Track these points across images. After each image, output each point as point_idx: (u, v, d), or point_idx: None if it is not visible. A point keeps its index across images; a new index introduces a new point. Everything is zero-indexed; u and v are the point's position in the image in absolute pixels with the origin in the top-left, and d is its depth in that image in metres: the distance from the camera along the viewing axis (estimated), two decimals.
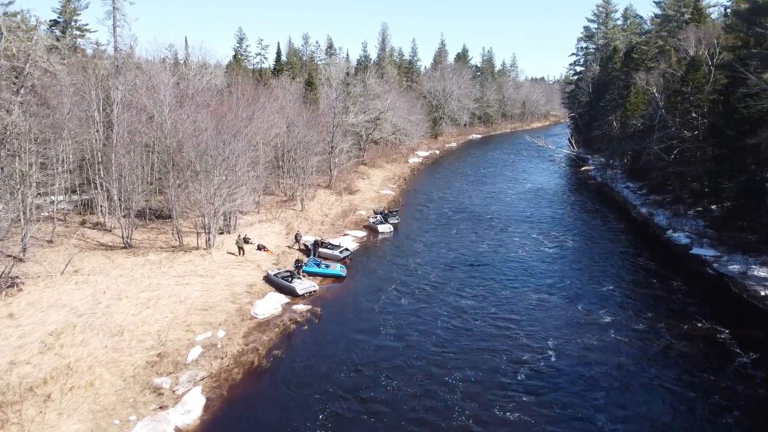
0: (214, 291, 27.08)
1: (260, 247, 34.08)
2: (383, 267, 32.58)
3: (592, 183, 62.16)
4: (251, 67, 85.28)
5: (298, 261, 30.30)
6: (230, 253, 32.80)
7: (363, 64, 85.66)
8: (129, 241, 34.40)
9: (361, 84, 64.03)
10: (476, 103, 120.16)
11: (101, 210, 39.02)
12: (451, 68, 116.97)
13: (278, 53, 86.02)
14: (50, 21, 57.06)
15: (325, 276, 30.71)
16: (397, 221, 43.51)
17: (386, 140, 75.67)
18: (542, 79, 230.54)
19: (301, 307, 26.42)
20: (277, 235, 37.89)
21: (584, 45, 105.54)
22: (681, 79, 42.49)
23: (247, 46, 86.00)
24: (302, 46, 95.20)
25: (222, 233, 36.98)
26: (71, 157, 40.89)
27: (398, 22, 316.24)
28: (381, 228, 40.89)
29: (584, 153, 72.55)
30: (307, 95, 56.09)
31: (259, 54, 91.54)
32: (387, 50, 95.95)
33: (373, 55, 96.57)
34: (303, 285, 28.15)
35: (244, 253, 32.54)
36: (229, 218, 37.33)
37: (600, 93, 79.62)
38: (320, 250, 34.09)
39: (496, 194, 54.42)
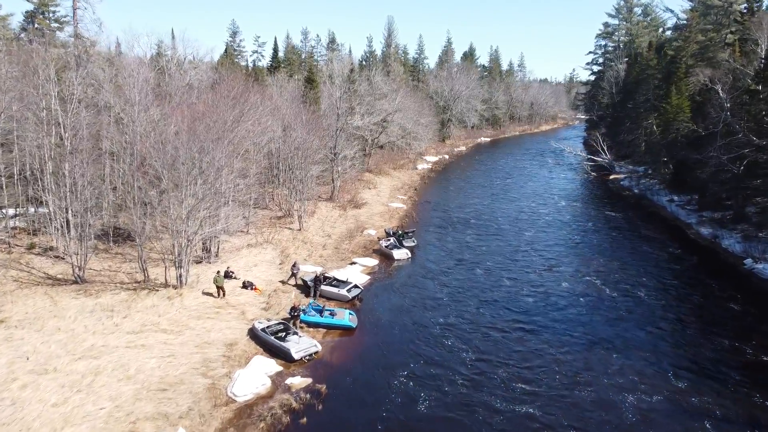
0: (179, 356, 19.87)
1: (246, 285, 26.89)
2: (401, 321, 24.59)
3: (627, 195, 55.05)
4: (245, 63, 77.99)
5: (294, 309, 23.11)
6: (207, 293, 25.58)
7: (368, 61, 78.29)
8: (82, 274, 27.25)
9: (366, 82, 56.81)
10: (484, 105, 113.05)
11: (56, 231, 31.89)
12: (458, 67, 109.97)
13: (275, 48, 78.87)
14: (25, 12, 50.14)
15: (329, 328, 23.52)
16: (413, 244, 36.40)
17: (393, 144, 68.57)
18: (545, 80, 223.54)
19: (297, 380, 19.24)
20: (269, 266, 30.70)
21: (603, 43, 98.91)
22: (755, 77, 35.45)
23: (240, 41, 78.77)
24: (301, 41, 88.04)
25: (200, 262, 29.85)
26: (27, 166, 34.03)
27: (403, 20, 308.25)
28: (396, 254, 33.75)
29: (610, 159, 65.42)
30: (307, 94, 48.92)
31: (256, 52, 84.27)
32: (393, 46, 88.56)
33: (378, 52, 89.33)
34: (300, 345, 20.96)
35: (224, 295, 25.32)
36: (210, 244, 30.17)
37: (627, 93, 72.83)
38: (323, 287, 26.94)
39: (526, 214, 46.20)
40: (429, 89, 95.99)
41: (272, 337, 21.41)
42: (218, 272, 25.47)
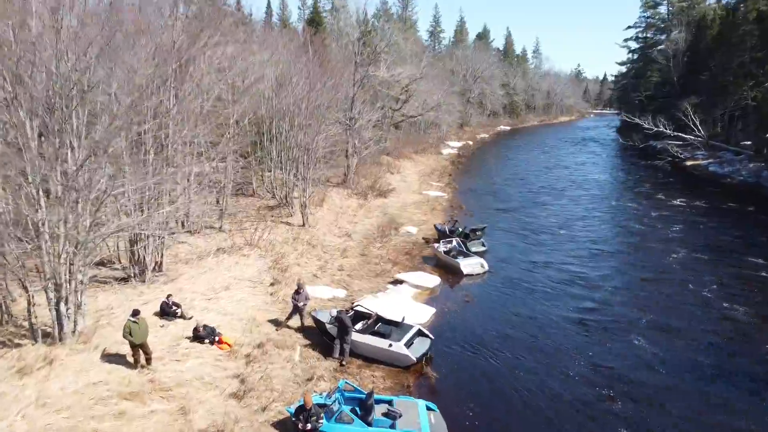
0: None
1: (202, 333, 13.28)
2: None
3: (731, 184, 41.73)
4: None
5: (303, 411, 9.60)
6: (112, 356, 12.03)
7: (382, 19, 64.72)
8: None
9: (381, 32, 43.32)
10: (502, 90, 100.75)
11: None
12: (474, 47, 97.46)
13: (268, 6, 65.63)
14: None
15: None
16: (483, 249, 23.09)
17: (414, 124, 55.26)
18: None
19: None
20: (252, 289, 17.14)
21: (647, 14, 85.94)
22: None
23: None
24: (299, 9, 74.65)
25: (127, 280, 16.43)
26: None
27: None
28: (464, 266, 20.22)
29: (705, 137, 50.91)
30: (311, 40, 35.31)
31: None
32: (410, 8, 75.16)
33: (394, 11, 75.79)
34: None
35: (148, 362, 11.73)
36: (143, 249, 16.62)
37: (697, 63, 59.92)
38: (355, 337, 13.48)
39: (638, 221, 29.75)
40: (446, 67, 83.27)
41: None
42: (135, 313, 11.66)
